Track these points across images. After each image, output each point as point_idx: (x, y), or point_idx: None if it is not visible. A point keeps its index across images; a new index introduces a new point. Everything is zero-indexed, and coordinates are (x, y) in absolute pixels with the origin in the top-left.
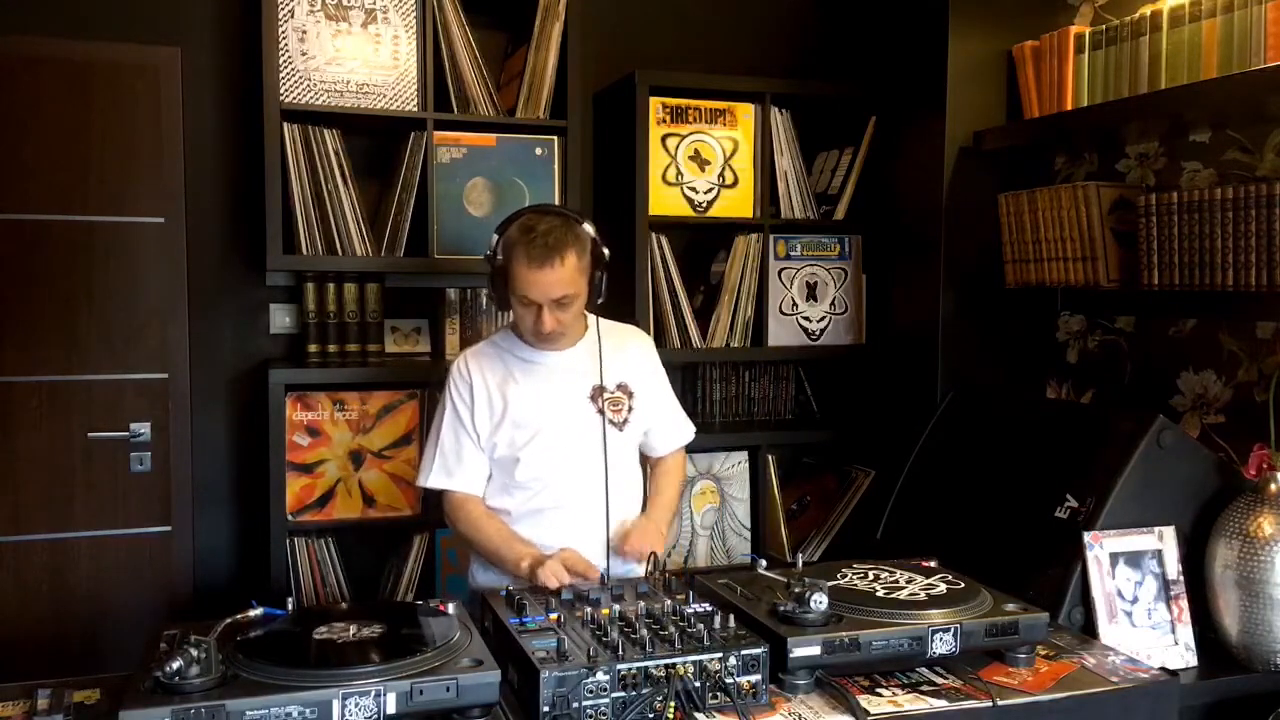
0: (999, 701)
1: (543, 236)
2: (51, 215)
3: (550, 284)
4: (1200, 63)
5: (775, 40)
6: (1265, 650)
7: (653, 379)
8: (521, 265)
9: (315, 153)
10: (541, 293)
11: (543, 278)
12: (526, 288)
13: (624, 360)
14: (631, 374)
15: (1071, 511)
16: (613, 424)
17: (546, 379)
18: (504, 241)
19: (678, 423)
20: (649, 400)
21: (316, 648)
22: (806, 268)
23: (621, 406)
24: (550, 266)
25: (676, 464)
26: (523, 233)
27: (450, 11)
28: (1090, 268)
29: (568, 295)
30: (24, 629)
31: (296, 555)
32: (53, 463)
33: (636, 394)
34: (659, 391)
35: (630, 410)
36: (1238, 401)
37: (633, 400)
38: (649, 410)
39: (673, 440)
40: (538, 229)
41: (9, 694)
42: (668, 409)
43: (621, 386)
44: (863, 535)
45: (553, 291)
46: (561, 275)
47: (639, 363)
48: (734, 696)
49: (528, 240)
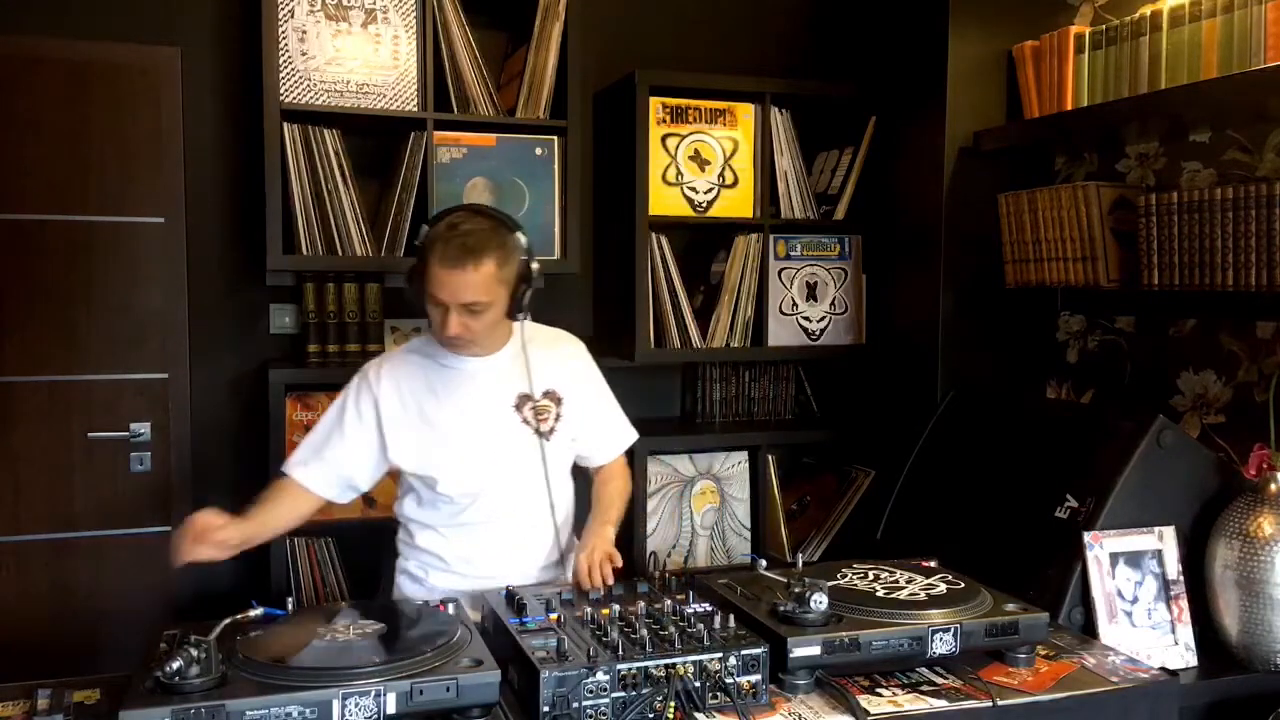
0: (999, 701)
1: (463, 236)
2: (51, 215)
3: (460, 286)
4: (1200, 63)
5: (775, 40)
6: (1265, 650)
7: (585, 385)
8: (436, 263)
9: (315, 153)
10: (450, 294)
11: (453, 279)
12: (436, 287)
13: (553, 366)
14: (560, 381)
15: (1071, 511)
16: (538, 433)
17: (468, 388)
18: (428, 235)
19: (615, 429)
20: (580, 407)
21: (316, 647)
22: (806, 268)
23: (548, 415)
24: (463, 269)
25: (616, 470)
26: (446, 229)
27: (450, 11)
28: (1090, 268)
29: (479, 302)
30: (24, 629)
31: (296, 555)
32: (53, 463)
33: (566, 400)
34: (591, 398)
35: (558, 419)
36: (1238, 401)
37: (561, 408)
38: (580, 418)
39: (610, 448)
40: (461, 227)
41: (9, 694)
42: (604, 416)
43: (549, 394)
44: (863, 535)
45: (462, 295)
46: (473, 280)
47: (569, 369)
48: (734, 696)
49: (448, 238)
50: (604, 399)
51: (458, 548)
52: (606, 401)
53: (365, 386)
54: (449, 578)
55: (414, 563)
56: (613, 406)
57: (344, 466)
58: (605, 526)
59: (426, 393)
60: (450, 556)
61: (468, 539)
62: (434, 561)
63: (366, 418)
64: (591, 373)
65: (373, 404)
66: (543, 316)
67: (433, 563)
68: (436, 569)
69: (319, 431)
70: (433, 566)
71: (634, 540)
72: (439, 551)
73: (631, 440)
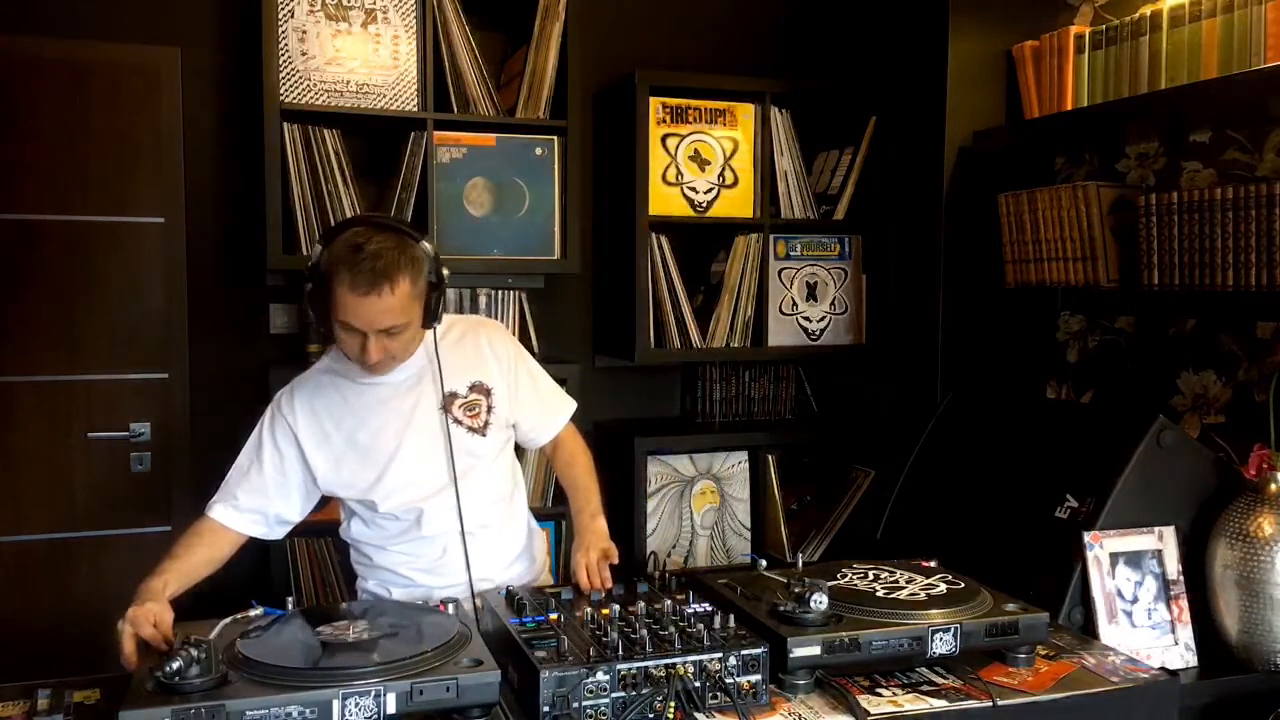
0: (999, 701)
1: (371, 259)
2: (51, 215)
3: (377, 313)
4: (1200, 63)
5: (775, 40)
6: (1265, 650)
7: (510, 367)
8: (345, 289)
9: (315, 153)
10: (367, 322)
11: (368, 306)
12: (349, 315)
13: (472, 357)
14: (484, 369)
15: (1071, 511)
16: (472, 430)
17: (388, 401)
18: (328, 256)
19: (551, 403)
20: (509, 392)
21: (316, 648)
22: (806, 268)
23: (478, 409)
24: (378, 294)
25: (569, 445)
26: (350, 251)
27: (450, 12)
28: (1090, 268)
29: (397, 325)
30: (24, 629)
31: (296, 555)
32: (53, 463)
33: (494, 389)
34: (521, 379)
35: (489, 410)
36: (1238, 401)
37: (491, 398)
38: (512, 402)
39: (550, 423)
40: (367, 249)
41: (9, 694)
42: (536, 393)
43: (475, 386)
44: (863, 535)
45: (380, 321)
46: (390, 304)
47: (490, 355)
48: (734, 696)
49: (354, 261)
50: (534, 376)
51: (416, 561)
52: (537, 377)
53: (279, 417)
54: (412, 592)
55: (373, 581)
56: (544, 381)
57: (268, 504)
58: (595, 519)
59: (347, 414)
60: (410, 570)
61: (424, 551)
62: (394, 579)
63: (286, 450)
64: (515, 353)
65: (290, 436)
66: (543, 317)
67: (394, 580)
68: (397, 584)
69: (238, 468)
70: (393, 583)
71: (634, 540)
72: (396, 569)
73: (571, 409)
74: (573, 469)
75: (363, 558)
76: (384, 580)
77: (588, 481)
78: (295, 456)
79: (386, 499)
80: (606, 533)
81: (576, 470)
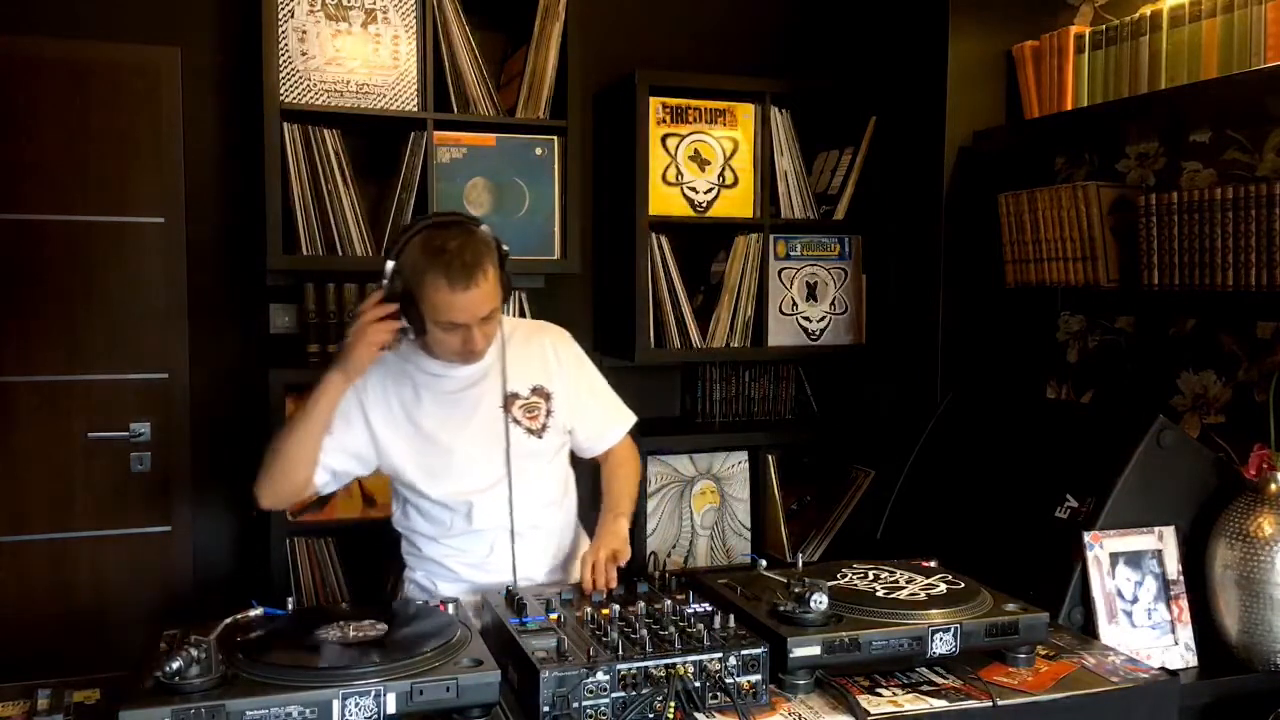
0: (999, 701)
1: (458, 256)
2: (51, 215)
3: (477, 303)
4: (1200, 63)
5: (775, 40)
6: (1265, 650)
7: (573, 373)
8: (441, 290)
9: (315, 153)
10: (470, 314)
11: (469, 299)
12: (452, 312)
13: (537, 361)
14: (546, 374)
15: (1071, 511)
16: (530, 432)
17: (454, 394)
18: (409, 266)
19: (610, 414)
20: (570, 398)
21: (316, 648)
22: (806, 268)
23: (538, 411)
24: (476, 286)
25: (622, 455)
26: (432, 254)
27: (450, 12)
28: (1090, 268)
29: (494, 308)
30: (24, 629)
31: (296, 555)
32: (53, 463)
33: (555, 394)
34: (581, 386)
35: (549, 414)
36: (1238, 401)
37: (550, 402)
38: (571, 409)
39: (608, 433)
40: (449, 247)
41: (9, 694)
42: (596, 403)
43: (537, 390)
44: (863, 535)
45: (481, 310)
46: (486, 291)
47: (554, 360)
48: (734, 696)
49: (443, 262)
50: (594, 385)
51: (464, 555)
52: (598, 387)
53: (352, 390)
54: (458, 586)
55: (421, 572)
56: (604, 391)
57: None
58: (617, 520)
59: (414, 399)
60: (457, 564)
61: (472, 546)
62: (441, 572)
63: (354, 419)
64: (578, 360)
65: (359, 406)
66: (543, 316)
67: (439, 572)
68: (444, 578)
69: None
70: (440, 576)
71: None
72: (444, 561)
73: (630, 423)
74: (614, 475)
75: (412, 548)
76: (431, 573)
77: (624, 486)
78: (362, 424)
79: (438, 486)
80: (624, 535)
81: (619, 475)
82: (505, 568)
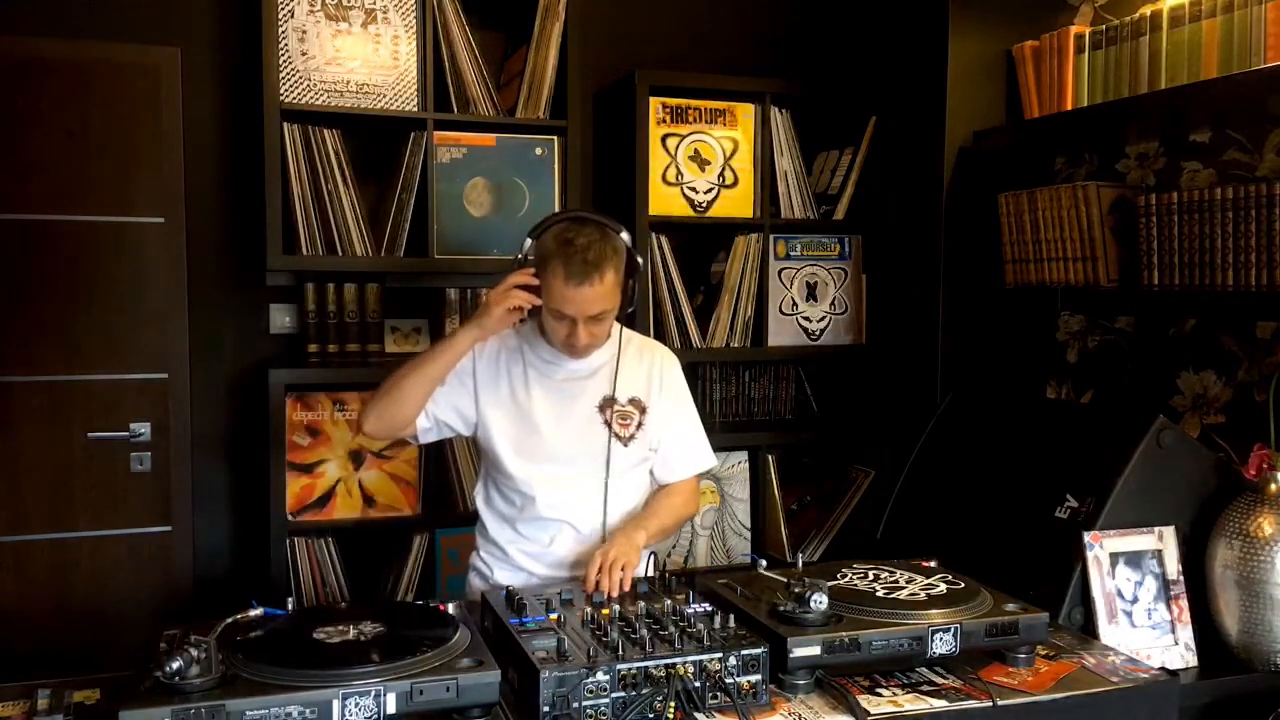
0: (999, 701)
1: (582, 251)
2: (51, 215)
3: (588, 301)
4: (1200, 63)
5: (775, 40)
6: (1265, 650)
7: (671, 398)
8: (559, 280)
9: (315, 153)
10: (578, 309)
11: (581, 295)
12: (563, 303)
13: (642, 375)
14: (648, 389)
15: (1071, 511)
16: (618, 437)
17: (559, 384)
18: (540, 250)
19: (692, 450)
20: (662, 419)
21: (316, 648)
22: (806, 268)
23: (630, 420)
24: (590, 284)
25: (684, 489)
26: (561, 244)
27: (450, 11)
28: (1090, 268)
29: (604, 311)
30: (24, 629)
31: (296, 555)
32: (53, 463)
33: (650, 410)
34: (675, 413)
35: (639, 426)
36: (1238, 401)
37: (644, 416)
38: (661, 429)
39: (684, 466)
40: (577, 242)
41: (9, 694)
42: (683, 433)
43: (634, 401)
44: (863, 535)
45: (590, 309)
46: (600, 292)
47: (658, 379)
48: (734, 696)
49: (567, 254)
50: (688, 416)
51: (525, 544)
52: (691, 420)
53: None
54: (514, 575)
55: (484, 553)
56: (694, 426)
57: (437, 411)
58: (637, 531)
59: (522, 379)
60: (516, 551)
61: (535, 535)
62: (501, 556)
63: (465, 380)
64: (680, 388)
65: (472, 370)
66: None
67: (498, 555)
68: (502, 564)
69: None
70: (498, 561)
71: None
72: (506, 545)
73: (707, 466)
74: (661, 500)
75: (483, 528)
76: (492, 554)
77: (663, 512)
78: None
79: (520, 465)
80: (638, 545)
81: (665, 503)
82: (561, 562)
